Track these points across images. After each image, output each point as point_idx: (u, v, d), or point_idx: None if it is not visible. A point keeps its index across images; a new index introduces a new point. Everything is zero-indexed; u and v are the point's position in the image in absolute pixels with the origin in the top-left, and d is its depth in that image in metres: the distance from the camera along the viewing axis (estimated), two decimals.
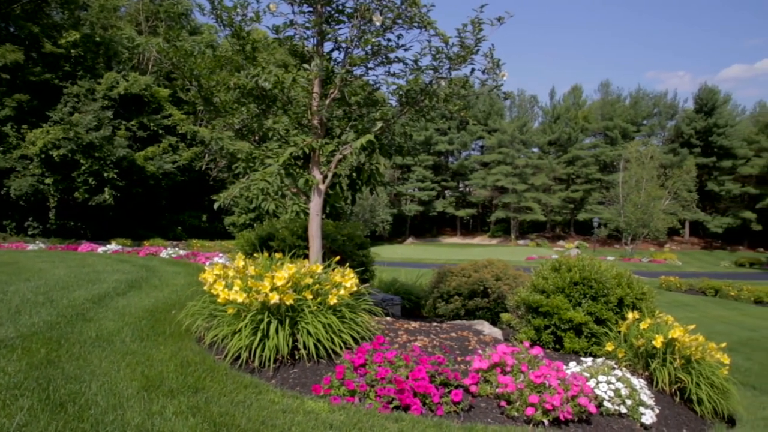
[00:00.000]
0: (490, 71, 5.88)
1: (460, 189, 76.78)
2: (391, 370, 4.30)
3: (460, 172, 73.25)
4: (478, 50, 5.75)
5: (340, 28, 6.29)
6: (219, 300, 4.86)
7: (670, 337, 5.16)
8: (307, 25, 6.15)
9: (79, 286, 7.69)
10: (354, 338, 4.96)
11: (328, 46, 6.50)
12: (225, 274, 5.31)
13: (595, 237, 55.30)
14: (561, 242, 62.78)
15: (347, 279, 5.26)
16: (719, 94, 65.46)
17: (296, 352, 4.75)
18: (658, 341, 5.13)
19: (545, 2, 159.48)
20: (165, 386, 3.90)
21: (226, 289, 4.86)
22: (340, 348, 4.77)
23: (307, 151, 6.14)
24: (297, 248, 8.17)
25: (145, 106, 40.00)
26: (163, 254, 15.56)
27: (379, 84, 6.56)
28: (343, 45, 6.27)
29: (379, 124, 6.10)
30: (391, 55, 6.22)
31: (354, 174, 6.77)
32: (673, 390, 5.16)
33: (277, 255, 5.71)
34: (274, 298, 4.61)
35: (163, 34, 5.92)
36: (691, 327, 5.46)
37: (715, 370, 5.19)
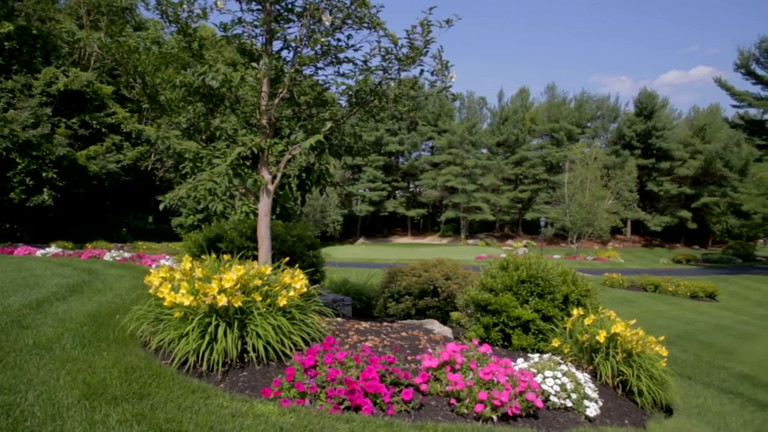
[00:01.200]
0: (439, 73, 5.95)
1: (411, 189, 77.25)
2: (341, 371, 4.30)
3: (410, 172, 73.71)
4: (427, 52, 5.81)
5: (289, 27, 6.23)
6: (165, 303, 4.74)
7: (612, 332, 5.34)
8: (255, 23, 6.07)
9: (15, 291, 7.34)
10: (304, 340, 4.93)
11: (277, 45, 6.43)
12: (171, 276, 5.18)
13: (542, 236, 56.62)
14: (509, 241, 64.03)
15: (297, 280, 5.22)
16: (658, 99, 68.15)
17: (245, 355, 4.67)
18: (601, 336, 5.31)
19: (493, 6, 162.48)
20: (108, 394, 3.77)
21: (172, 292, 4.74)
22: (291, 350, 4.73)
23: (256, 151, 6.06)
24: (246, 250, 8.05)
25: (87, 103, 38.47)
26: (107, 257, 15.03)
27: (329, 84, 6.53)
28: (293, 44, 6.22)
29: (329, 125, 6.08)
30: (341, 55, 6.21)
31: (303, 174, 6.72)
32: (615, 383, 5.35)
33: (226, 257, 5.61)
34: (223, 301, 4.53)
35: (105, 28, 5.75)
36: (632, 322, 5.67)
37: (654, 363, 5.41)
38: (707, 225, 64.02)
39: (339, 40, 6.10)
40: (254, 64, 5.91)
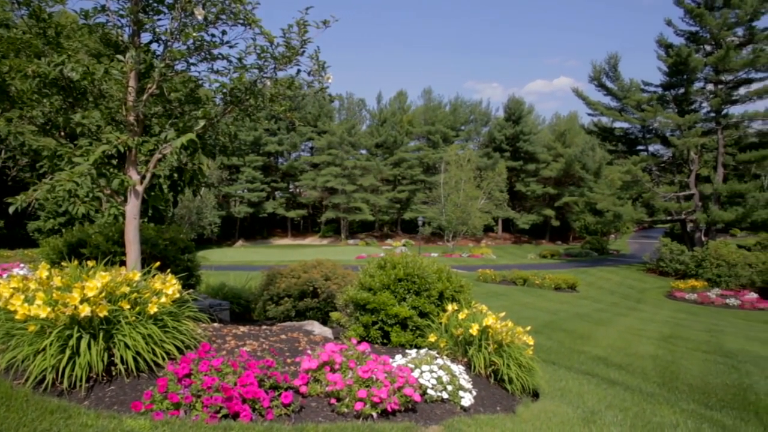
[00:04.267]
0: (316, 73, 5.93)
1: (291, 190, 76.42)
2: (218, 378, 4.15)
3: (290, 173, 72.87)
4: (304, 52, 5.76)
5: (159, 19, 5.89)
6: (17, 317, 4.29)
7: (484, 325, 5.63)
8: (121, 12, 5.68)
9: None
10: (178, 348, 4.70)
11: (146, 37, 6.05)
12: (25, 286, 4.70)
13: (420, 235, 58.37)
14: (389, 241, 65.36)
15: (169, 285, 4.96)
16: (525, 105, 72.96)
17: (113, 368, 4.36)
18: (474, 329, 5.58)
19: (373, 10, 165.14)
20: None
21: (26, 304, 4.30)
22: (163, 359, 4.49)
23: (123, 150, 5.68)
24: (113, 255, 7.53)
25: None
26: None
27: (203, 81, 6.28)
28: (163, 37, 5.90)
29: (202, 123, 5.83)
30: (215, 52, 5.99)
31: (175, 175, 6.40)
32: (488, 372, 5.65)
33: (90, 263, 5.20)
34: (86, 311, 4.20)
35: None
36: (502, 314, 6.02)
37: (522, 352, 5.78)
38: (568, 222, 69.55)
39: (213, 35, 5.88)
40: (120, 57, 5.53)
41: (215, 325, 6.32)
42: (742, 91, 40.50)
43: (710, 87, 41.21)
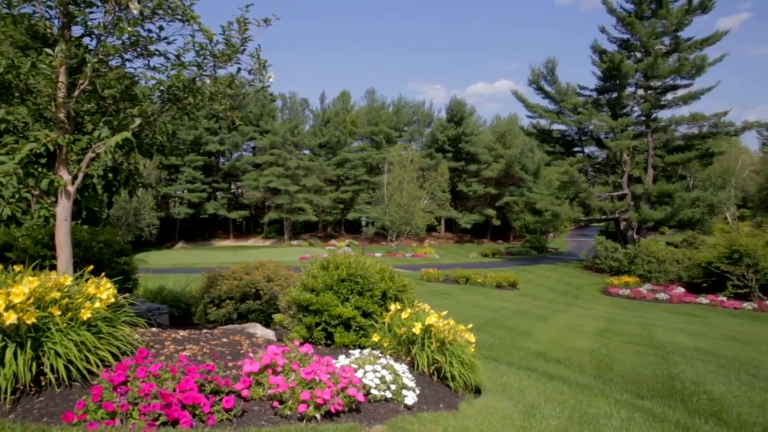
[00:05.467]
0: (257, 72, 5.83)
1: (233, 190, 75.06)
2: (156, 385, 4.02)
3: (231, 173, 71.53)
4: (245, 50, 5.66)
5: (91, 12, 5.64)
6: None
7: (427, 323, 5.69)
8: (49, 3, 5.40)
9: None
10: (114, 355, 4.52)
11: (77, 30, 5.78)
12: None
13: (363, 235, 58.46)
14: (333, 241, 65.13)
15: (103, 290, 4.77)
16: (466, 107, 74.22)
17: (42, 378, 4.15)
18: (417, 328, 5.63)
19: (315, 10, 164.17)
20: None
21: None
22: (98, 367, 4.31)
23: (52, 148, 5.41)
24: (42, 259, 7.18)
25: None
26: None
27: (139, 78, 6.07)
28: (96, 31, 5.66)
29: (138, 121, 5.62)
30: (152, 48, 5.78)
31: (110, 174, 6.16)
32: (431, 371, 5.70)
33: (17, 267, 4.94)
34: (11, 318, 3.98)
35: None
36: (444, 313, 6.09)
37: (464, 349, 5.86)
38: (509, 221, 71.21)
39: (150, 31, 5.68)
40: (49, 50, 5.26)
41: (154, 329, 6.13)
42: (669, 96, 42.69)
43: (641, 92, 43.13)
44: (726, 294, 26.09)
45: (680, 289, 28.45)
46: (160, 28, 5.64)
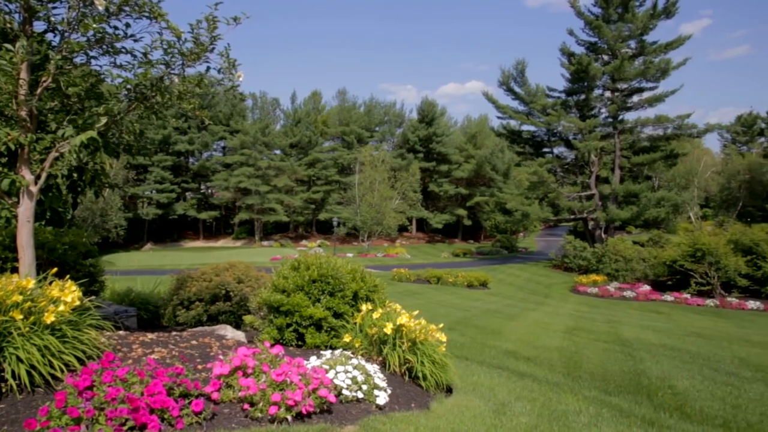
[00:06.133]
0: (226, 71, 5.76)
1: (202, 191, 74.14)
2: (123, 389, 3.94)
3: (201, 173, 70.64)
4: (214, 48, 5.58)
5: (54, 8, 5.49)
6: None
7: (398, 323, 5.70)
8: None
9: None
10: (79, 359, 4.42)
11: (40, 26, 5.63)
12: None
13: (335, 236, 58.31)
14: (304, 242, 64.79)
15: (68, 293, 4.65)
16: (437, 107, 74.61)
17: (3, 384, 4.04)
18: (388, 328, 5.63)
19: (285, 9, 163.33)
20: None
21: None
22: (62, 372, 4.21)
23: (13, 147, 5.26)
24: (4, 261, 6.98)
25: None
26: None
27: (105, 75, 5.93)
28: (60, 27, 5.51)
29: (104, 120, 5.50)
30: (118, 45, 5.66)
31: (75, 174, 6.01)
32: (402, 370, 5.71)
33: None
34: None
35: None
36: (416, 312, 6.11)
37: (435, 349, 5.89)
38: (479, 221, 71.81)
39: (116, 28, 5.56)
40: (9, 46, 5.11)
41: (121, 333, 6.01)
42: (635, 98, 43.60)
43: (608, 94, 43.95)
44: (690, 291, 26.74)
45: (646, 287, 29.06)
46: (127, 25, 5.52)
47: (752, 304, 23.99)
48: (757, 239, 27.28)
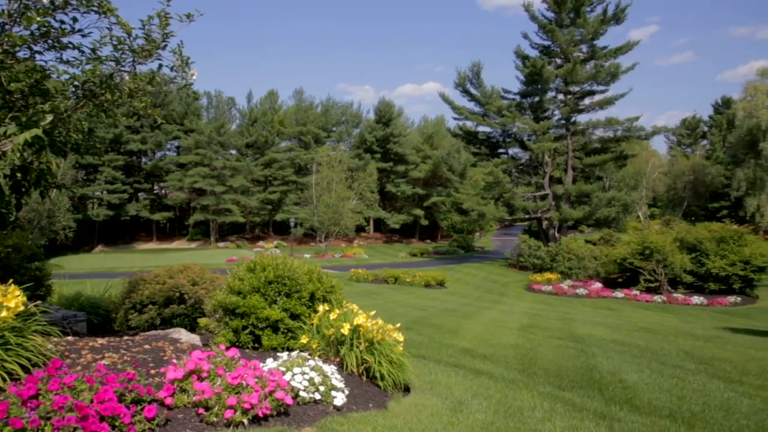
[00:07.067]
0: (179, 69, 5.62)
1: (156, 191, 72.46)
2: (71, 397, 3.80)
3: (154, 173, 69.00)
4: (166, 46, 5.44)
5: None
6: None
7: (355, 324, 5.69)
8: None
9: None
10: (24, 367, 4.25)
11: None
12: None
13: (292, 236, 57.85)
14: (261, 243, 64.03)
15: (11, 298, 4.47)
16: (395, 108, 74.96)
17: None
18: (345, 329, 5.62)
19: (245, 8, 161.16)
20: None
21: None
22: (4, 381, 4.03)
23: None
24: None
25: None
26: None
27: (51, 71, 5.71)
28: (0, 19, 5.28)
29: (50, 118, 5.29)
30: (65, 40, 5.46)
31: (19, 174, 5.77)
32: (360, 371, 5.70)
33: None
34: None
35: None
36: (373, 313, 6.11)
37: (393, 348, 5.90)
38: (437, 221, 72.46)
39: (62, 22, 5.36)
40: None
41: (69, 338, 5.81)
42: (587, 101, 44.86)
43: (561, 97, 45.02)
44: (639, 288, 27.65)
45: (598, 285, 29.89)
46: (74, 19, 5.33)
47: (696, 299, 25.00)
48: (700, 237, 28.43)
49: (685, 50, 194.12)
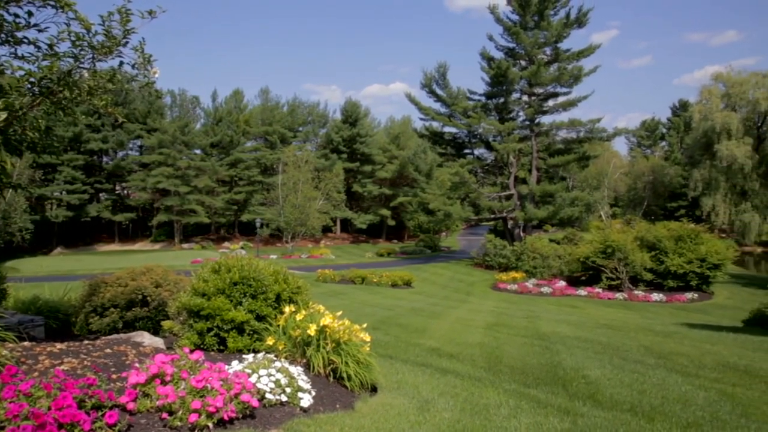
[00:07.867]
0: (141, 66, 5.50)
1: (118, 191, 70.91)
2: (27, 404, 3.68)
3: (116, 173, 67.49)
4: (127, 42, 5.32)
5: None
6: None
7: (322, 324, 5.66)
8: None
9: None
10: None
11: None
12: None
13: (258, 237, 57.28)
14: (226, 243, 63.19)
15: None
16: (361, 108, 75.02)
17: None
18: (312, 330, 5.59)
19: (210, 6, 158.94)
20: None
21: None
22: None
23: None
24: None
25: None
26: None
27: (5, 67, 5.53)
28: None
29: (4, 115, 5.13)
30: (19, 34, 5.28)
31: None
32: (327, 371, 5.68)
33: None
34: None
35: None
36: (339, 313, 6.09)
37: (360, 348, 5.89)
38: (403, 221, 72.71)
39: (17, 15, 5.18)
40: None
41: (26, 344, 5.64)
42: (551, 103, 45.68)
43: (525, 98, 45.71)
44: (601, 286, 28.25)
45: (562, 283, 30.41)
46: (29, 13, 5.16)
47: (656, 296, 25.70)
48: (659, 236, 29.21)
49: (644, 54, 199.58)
